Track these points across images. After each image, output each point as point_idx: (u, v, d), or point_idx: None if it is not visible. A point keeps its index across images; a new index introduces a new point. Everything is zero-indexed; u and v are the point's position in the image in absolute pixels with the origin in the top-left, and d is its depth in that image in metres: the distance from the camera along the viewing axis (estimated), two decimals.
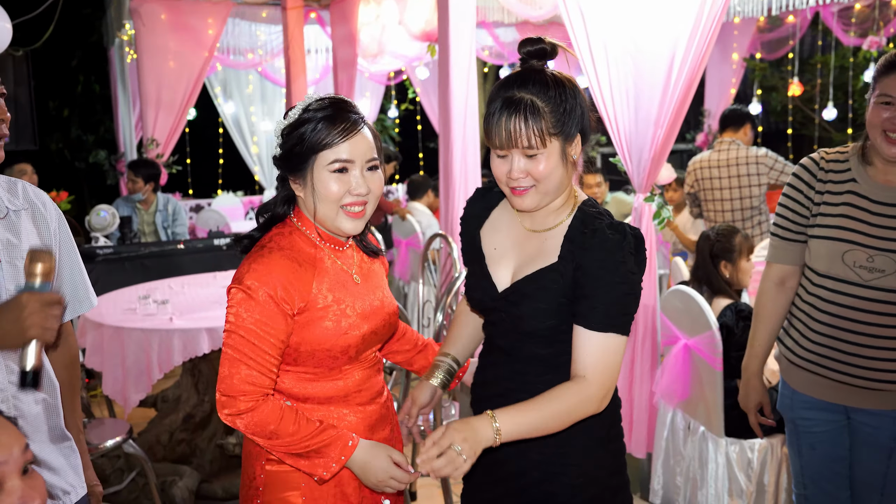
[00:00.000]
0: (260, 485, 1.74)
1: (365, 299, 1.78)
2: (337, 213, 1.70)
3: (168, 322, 3.39)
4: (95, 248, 5.31)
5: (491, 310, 1.79)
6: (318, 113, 1.68)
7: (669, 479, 3.50)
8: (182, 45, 6.84)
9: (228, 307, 1.65)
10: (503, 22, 6.86)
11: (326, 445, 1.64)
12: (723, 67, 7.92)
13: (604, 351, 1.64)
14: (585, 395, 1.63)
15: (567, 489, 1.74)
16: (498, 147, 1.66)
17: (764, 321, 2.37)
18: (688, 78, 3.18)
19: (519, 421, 1.59)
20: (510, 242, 1.79)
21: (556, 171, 1.66)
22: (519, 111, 1.61)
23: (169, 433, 3.79)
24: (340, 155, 1.66)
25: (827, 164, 2.21)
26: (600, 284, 1.63)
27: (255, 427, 1.63)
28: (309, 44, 8.07)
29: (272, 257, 1.66)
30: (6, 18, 3.79)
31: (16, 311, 1.49)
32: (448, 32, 4.23)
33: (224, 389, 1.64)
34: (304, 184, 1.70)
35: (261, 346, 1.63)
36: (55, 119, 10.30)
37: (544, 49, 1.69)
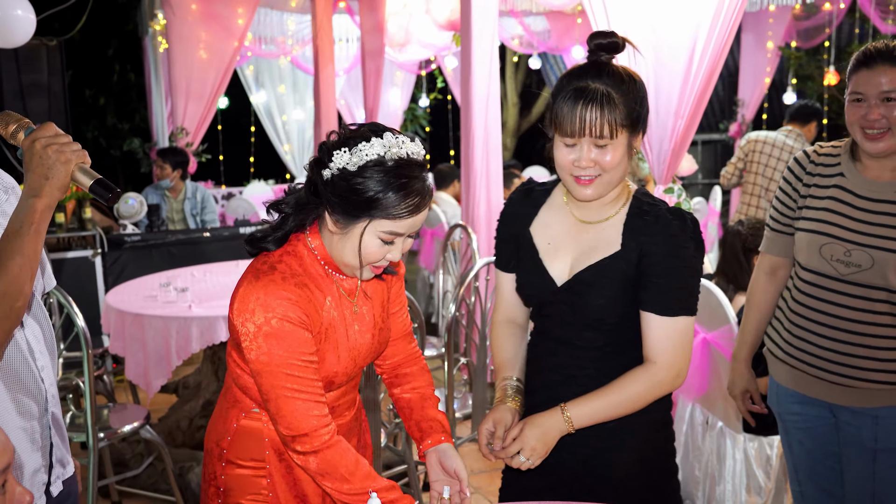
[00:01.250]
0: (221, 485, 1.70)
1: (357, 334, 1.71)
2: (364, 268, 1.62)
3: (187, 309, 3.43)
4: (123, 235, 5.39)
5: (549, 303, 1.81)
6: (396, 172, 1.53)
7: (689, 473, 3.46)
8: (212, 34, 6.90)
9: (251, 345, 1.56)
10: (532, 11, 6.81)
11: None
12: (757, 56, 7.78)
13: (675, 334, 1.72)
14: (656, 380, 1.72)
15: (624, 471, 1.79)
16: (569, 135, 1.66)
17: (753, 310, 2.37)
18: (708, 68, 3.13)
19: (590, 410, 1.71)
20: (564, 236, 1.81)
21: (622, 162, 1.69)
22: (594, 100, 1.62)
23: (188, 419, 3.84)
24: (399, 229, 1.56)
25: (818, 157, 2.20)
26: (667, 270, 1.70)
27: (327, 466, 1.57)
28: (339, 33, 8.10)
29: (285, 284, 1.57)
30: (30, 9, 3.85)
31: (36, 155, 1.47)
32: (470, 21, 4.21)
33: (290, 429, 1.56)
34: (343, 228, 1.58)
35: (304, 375, 1.57)
36: (91, 107, 10.45)
37: (616, 43, 1.70)
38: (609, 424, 1.76)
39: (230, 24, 6.91)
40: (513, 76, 11.33)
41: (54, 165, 1.47)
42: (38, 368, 1.70)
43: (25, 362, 1.66)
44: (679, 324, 1.72)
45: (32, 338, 1.71)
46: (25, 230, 1.46)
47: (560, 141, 1.70)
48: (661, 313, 1.71)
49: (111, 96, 10.61)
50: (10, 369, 1.64)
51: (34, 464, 1.69)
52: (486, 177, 4.34)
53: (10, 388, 1.64)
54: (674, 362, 1.73)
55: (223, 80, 7.03)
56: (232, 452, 1.70)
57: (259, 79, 9.53)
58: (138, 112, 10.44)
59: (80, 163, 1.50)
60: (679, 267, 1.71)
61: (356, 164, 1.52)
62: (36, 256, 1.50)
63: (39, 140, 1.47)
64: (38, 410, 1.70)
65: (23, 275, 1.47)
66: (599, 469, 1.80)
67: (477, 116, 4.27)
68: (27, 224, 1.46)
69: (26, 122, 1.55)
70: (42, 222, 1.48)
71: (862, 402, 2.11)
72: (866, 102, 2.02)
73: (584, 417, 1.71)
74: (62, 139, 1.49)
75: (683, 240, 1.71)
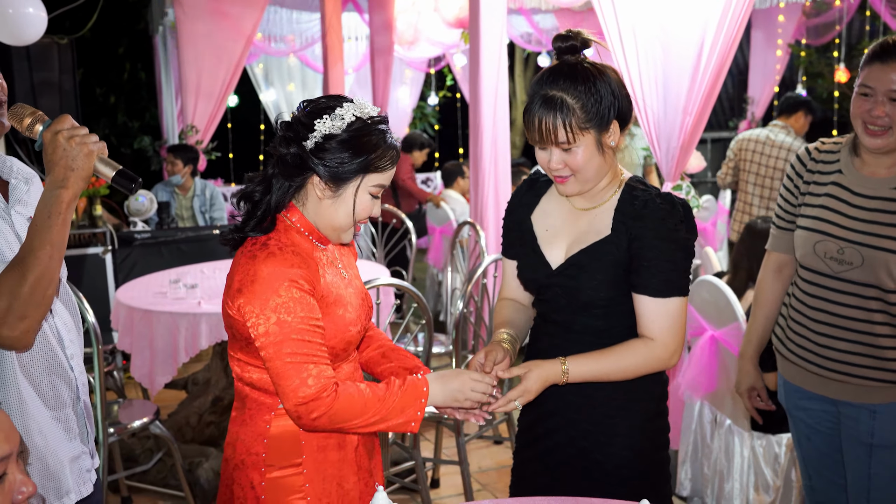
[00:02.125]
0: (261, 493, 1.70)
1: (354, 294, 1.79)
2: (349, 228, 1.71)
3: (196, 306, 3.45)
4: (133, 232, 5.42)
5: (546, 287, 1.88)
6: (379, 128, 1.66)
7: (697, 471, 3.46)
8: (221, 32, 6.91)
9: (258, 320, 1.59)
10: (540, 8, 6.80)
11: (402, 407, 1.65)
12: (767, 53, 7.74)
13: (669, 315, 1.78)
14: (653, 356, 1.79)
15: (615, 459, 1.84)
16: (537, 141, 1.77)
17: (760, 308, 2.37)
18: (717, 64, 3.12)
19: (586, 368, 1.78)
20: (561, 223, 1.89)
21: (593, 160, 1.76)
22: (550, 109, 1.71)
23: (198, 415, 3.86)
24: (384, 181, 1.68)
25: (819, 154, 2.20)
26: (658, 253, 1.75)
27: (337, 416, 1.61)
28: (348, 31, 8.11)
29: (283, 255, 1.62)
30: (42, 7, 3.87)
31: (59, 147, 1.52)
32: (479, 19, 4.21)
33: (301, 398, 1.59)
34: (336, 193, 1.67)
35: (314, 340, 1.62)
36: (102, 105, 10.49)
37: (574, 45, 1.77)
38: (604, 411, 1.84)
39: (240, 23, 6.92)
40: (522, 74, 11.31)
41: (77, 157, 1.52)
42: (68, 357, 1.73)
43: (54, 352, 1.69)
44: (672, 305, 1.78)
45: (62, 326, 1.74)
46: (54, 220, 1.52)
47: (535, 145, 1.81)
48: (654, 295, 1.77)
49: (122, 94, 10.66)
50: (41, 358, 1.67)
51: (72, 451, 1.71)
52: (495, 174, 4.34)
53: (40, 378, 1.66)
54: (669, 342, 1.79)
55: (233, 78, 7.04)
56: (271, 458, 1.69)
57: (269, 77, 9.55)
58: (148, 110, 10.48)
59: (101, 153, 1.56)
60: (669, 249, 1.76)
61: (340, 127, 1.62)
62: (63, 245, 1.55)
63: (62, 132, 1.52)
64: (70, 398, 1.73)
65: (52, 264, 1.53)
66: (594, 456, 1.86)
67: (485, 114, 4.28)
68: (55, 214, 1.52)
69: (40, 115, 1.59)
70: (68, 212, 1.54)
71: (860, 397, 2.12)
72: (873, 98, 2.01)
73: (579, 374, 1.78)
74: (82, 130, 1.54)
75: (673, 223, 1.76)
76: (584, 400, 1.86)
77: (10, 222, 1.67)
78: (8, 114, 1.60)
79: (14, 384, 1.61)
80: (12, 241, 1.64)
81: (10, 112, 1.59)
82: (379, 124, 1.66)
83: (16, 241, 1.65)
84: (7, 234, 1.64)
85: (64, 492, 1.68)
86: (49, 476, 1.66)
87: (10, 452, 1.21)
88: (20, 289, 1.49)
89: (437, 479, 3.74)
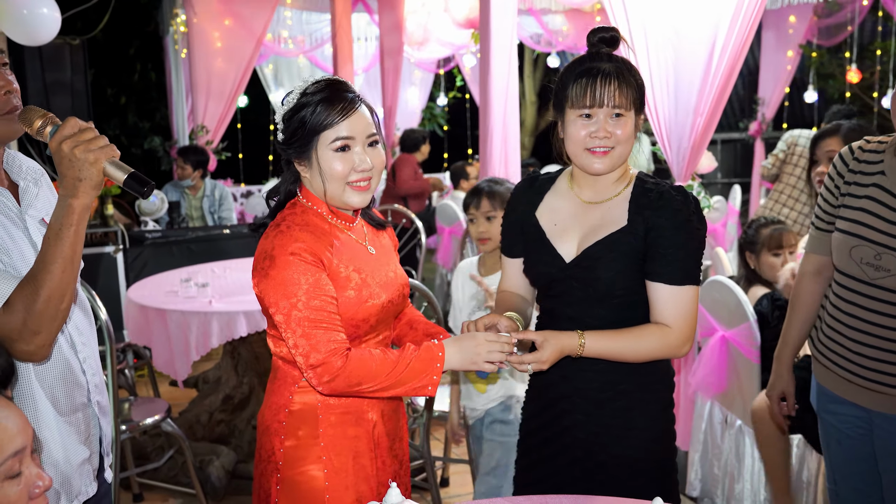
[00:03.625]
0: (279, 459, 1.78)
1: (381, 270, 1.83)
2: (344, 189, 1.75)
3: (207, 305, 3.46)
4: (144, 231, 5.45)
5: (559, 280, 1.88)
6: (316, 95, 1.73)
7: (707, 471, 3.45)
8: (231, 33, 6.94)
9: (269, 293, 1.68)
10: (550, 9, 6.80)
11: (418, 371, 1.69)
12: (778, 54, 7.71)
13: (683, 302, 1.81)
14: (667, 342, 1.82)
15: (634, 450, 1.87)
16: (587, 106, 1.77)
17: (798, 310, 2.30)
18: (728, 65, 3.12)
19: (603, 345, 1.80)
20: (570, 218, 1.90)
21: (631, 138, 1.81)
22: (611, 74, 1.76)
23: (209, 413, 3.88)
24: (341, 133, 1.72)
25: (862, 153, 2.09)
26: (675, 242, 1.78)
27: (352, 378, 1.66)
28: (357, 32, 8.12)
29: (291, 232, 1.71)
30: (56, 8, 3.89)
31: (66, 158, 1.48)
32: (489, 19, 4.21)
33: (311, 363, 1.65)
34: (309, 165, 1.76)
35: (323, 307, 1.67)
36: (113, 106, 10.55)
37: (616, 37, 1.83)
38: (621, 403, 1.87)
39: (250, 23, 6.95)
40: (531, 75, 11.31)
41: (84, 166, 1.48)
42: (81, 360, 1.73)
43: (67, 360, 1.69)
44: (686, 293, 1.81)
45: (75, 330, 1.73)
46: (66, 232, 1.49)
47: (575, 116, 1.79)
48: (670, 283, 1.80)
49: (132, 95, 10.71)
50: (55, 367, 1.66)
51: (83, 454, 1.71)
52: (505, 175, 4.33)
53: (54, 386, 1.66)
54: (683, 329, 1.82)
55: (243, 78, 7.07)
56: (290, 426, 1.78)
57: (278, 77, 9.57)
58: (159, 111, 10.53)
59: (110, 158, 1.51)
60: (685, 239, 1.79)
61: (289, 105, 1.75)
62: (77, 257, 1.52)
63: (66, 141, 1.48)
64: (81, 402, 1.72)
65: (66, 277, 1.50)
66: (612, 448, 1.88)
67: (495, 115, 4.28)
68: (67, 225, 1.49)
69: (51, 117, 1.55)
70: (81, 222, 1.50)
71: (894, 408, 2.04)
72: None
73: (595, 349, 1.80)
74: (87, 135, 1.49)
75: (687, 214, 1.80)
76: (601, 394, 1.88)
77: (25, 228, 1.66)
78: (18, 117, 1.58)
79: (29, 393, 1.62)
80: (26, 252, 1.63)
81: (21, 115, 1.57)
82: (319, 87, 1.74)
83: (30, 250, 1.64)
84: (21, 243, 1.63)
85: (74, 494, 1.70)
86: (61, 480, 1.67)
87: (24, 446, 1.22)
88: (34, 304, 1.47)
89: (447, 477, 3.74)
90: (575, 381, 1.89)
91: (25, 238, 1.65)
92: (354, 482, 1.78)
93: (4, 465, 1.18)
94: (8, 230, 1.62)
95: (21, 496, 1.20)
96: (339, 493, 1.76)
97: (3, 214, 1.63)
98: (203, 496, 3.42)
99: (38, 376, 1.63)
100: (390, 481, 1.55)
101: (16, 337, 1.48)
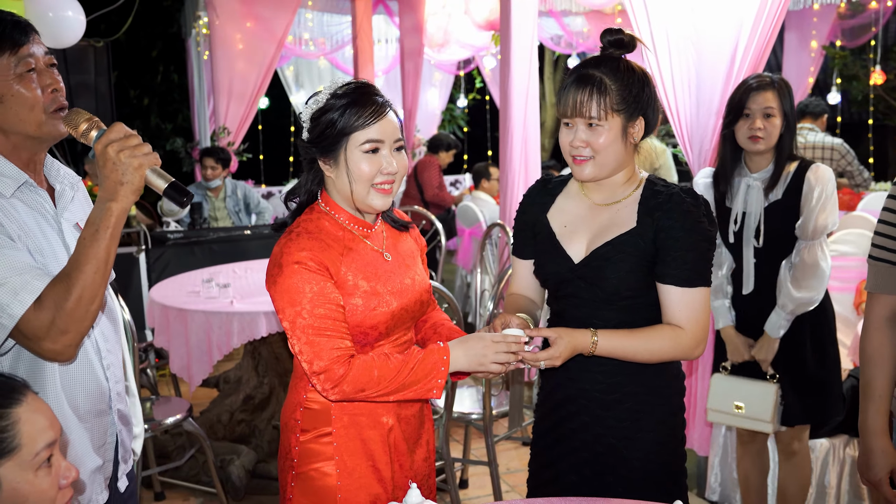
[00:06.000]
0: (295, 456, 1.81)
1: (396, 277, 1.83)
2: (368, 191, 1.76)
3: (228, 305, 3.48)
4: (166, 232, 5.49)
5: (567, 281, 1.89)
6: (348, 97, 1.75)
7: (727, 476, 3.43)
8: (253, 35, 6.98)
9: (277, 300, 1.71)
10: (571, 11, 6.79)
11: (422, 374, 1.70)
12: (801, 55, 7.66)
13: (695, 304, 1.80)
14: (681, 342, 1.81)
15: (643, 453, 1.87)
16: (564, 115, 1.82)
17: (878, 365, 1.90)
18: (751, 66, 3.10)
19: (615, 344, 1.79)
20: (579, 220, 1.91)
21: (614, 145, 1.80)
22: (587, 84, 1.77)
23: (229, 413, 3.90)
24: (371, 135, 1.74)
25: None
26: (684, 244, 1.78)
27: (355, 385, 1.68)
28: (378, 34, 8.15)
29: (299, 240, 1.73)
30: (80, 11, 3.93)
31: (110, 161, 1.50)
32: (510, 21, 4.21)
33: (315, 370, 1.68)
34: (335, 165, 1.77)
35: (327, 315, 1.69)
36: (136, 107, 10.65)
37: (621, 40, 1.83)
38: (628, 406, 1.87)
39: (272, 25, 6.99)
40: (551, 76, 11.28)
41: (127, 171, 1.50)
42: (105, 367, 1.75)
43: (90, 364, 1.70)
44: (698, 294, 1.81)
45: (101, 337, 1.75)
46: (102, 234, 1.51)
47: (562, 123, 1.85)
48: (681, 285, 1.80)
49: (155, 97, 10.81)
50: (78, 373, 1.68)
51: (97, 461, 1.72)
52: (525, 176, 4.33)
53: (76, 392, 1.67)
54: (696, 331, 1.82)
55: (264, 80, 7.11)
56: (305, 423, 1.81)
57: (299, 79, 9.63)
58: (181, 112, 10.62)
59: (153, 165, 1.53)
60: (696, 241, 1.79)
61: (319, 104, 1.76)
62: (110, 260, 1.54)
63: (112, 145, 1.50)
64: (100, 409, 1.73)
65: (97, 279, 1.52)
66: (619, 451, 1.88)
67: (516, 116, 4.28)
68: (103, 228, 1.51)
69: (96, 122, 1.58)
70: (117, 226, 1.53)
71: None
72: None
73: (607, 347, 1.80)
74: (133, 141, 1.52)
75: (697, 215, 1.79)
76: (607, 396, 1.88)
77: (60, 230, 1.68)
78: (63, 119, 1.61)
79: (54, 394, 1.63)
80: (59, 253, 1.65)
81: (66, 118, 1.60)
82: (350, 90, 1.76)
83: (63, 252, 1.65)
84: (55, 244, 1.65)
85: (85, 501, 1.71)
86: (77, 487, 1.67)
87: (55, 438, 1.26)
88: (65, 303, 1.49)
89: (466, 479, 3.75)
90: (581, 381, 1.90)
91: (59, 240, 1.67)
92: (368, 484, 1.80)
93: (38, 456, 1.21)
94: (43, 230, 1.65)
95: (52, 486, 1.24)
96: (351, 494, 1.78)
97: (41, 215, 1.66)
98: (224, 495, 3.45)
99: (62, 378, 1.65)
100: (410, 482, 1.55)
101: (43, 335, 1.50)
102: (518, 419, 3.32)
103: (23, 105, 1.60)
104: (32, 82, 1.60)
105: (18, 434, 1.20)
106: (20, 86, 1.59)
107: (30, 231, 1.61)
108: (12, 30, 1.60)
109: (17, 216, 1.60)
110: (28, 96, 1.60)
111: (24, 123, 1.61)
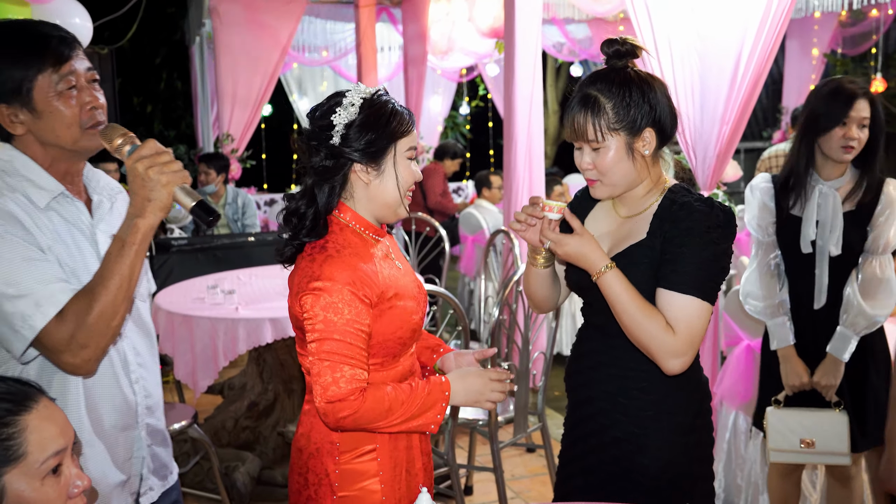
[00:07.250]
0: (335, 480, 1.77)
1: (410, 283, 1.84)
2: (403, 198, 1.77)
3: (234, 311, 3.49)
4: (170, 239, 5.50)
5: (586, 289, 1.89)
6: (388, 103, 1.74)
7: (731, 481, 3.43)
8: (257, 42, 7.01)
9: (310, 315, 1.67)
10: (573, 18, 6.82)
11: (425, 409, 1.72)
12: (802, 63, 7.69)
13: (684, 312, 1.72)
14: (666, 340, 1.72)
15: (652, 470, 1.84)
16: (570, 139, 1.83)
17: None
18: (755, 73, 3.10)
19: (619, 290, 1.74)
20: (605, 230, 1.94)
21: (620, 164, 1.78)
22: (583, 107, 1.77)
23: (234, 420, 3.90)
24: (413, 143, 1.76)
25: None
26: (683, 249, 1.74)
27: (363, 418, 1.67)
28: (381, 41, 8.18)
29: (340, 258, 1.69)
30: (87, 18, 3.96)
31: (139, 177, 1.51)
32: (514, 29, 4.23)
33: (329, 396, 1.65)
34: (379, 171, 1.74)
35: (356, 343, 1.67)
36: (139, 114, 10.69)
37: (619, 50, 1.80)
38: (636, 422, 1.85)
39: (275, 32, 7.02)
40: (553, 84, 11.32)
41: (156, 188, 1.51)
42: (132, 381, 1.74)
43: (115, 377, 1.70)
44: (689, 303, 1.73)
45: (131, 350, 1.74)
46: (128, 250, 1.52)
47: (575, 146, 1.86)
48: (672, 289, 1.74)
49: (158, 103, 10.85)
50: (102, 387, 1.67)
51: (121, 476, 1.72)
52: (529, 183, 4.35)
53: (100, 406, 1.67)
54: (685, 339, 1.73)
55: (268, 87, 7.14)
56: (344, 445, 1.77)
57: (302, 86, 9.65)
58: (184, 119, 10.66)
59: (181, 183, 1.54)
60: (696, 248, 1.74)
61: (354, 113, 1.70)
62: (135, 277, 1.55)
63: (142, 161, 1.51)
64: (127, 423, 1.73)
65: (120, 294, 1.52)
66: (631, 468, 1.86)
67: (520, 123, 4.29)
68: (129, 244, 1.52)
69: (131, 137, 1.59)
70: (144, 242, 1.54)
71: None
72: None
73: (609, 283, 1.75)
74: (163, 158, 1.53)
75: (706, 225, 1.74)
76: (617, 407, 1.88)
77: (94, 241, 1.69)
78: (100, 132, 1.61)
79: (76, 408, 1.63)
80: (91, 263, 1.65)
81: (102, 131, 1.60)
82: (383, 97, 1.75)
83: (95, 263, 1.65)
84: (87, 254, 1.66)
85: None
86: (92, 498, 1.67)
87: (65, 446, 1.25)
88: (86, 317, 1.50)
89: (471, 485, 3.74)
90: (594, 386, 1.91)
91: (93, 250, 1.68)
92: (407, 493, 1.81)
93: (45, 464, 1.21)
94: (77, 241, 1.65)
95: (61, 495, 1.23)
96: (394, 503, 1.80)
97: (75, 226, 1.67)
98: (229, 502, 3.45)
99: (86, 391, 1.64)
100: (420, 486, 1.57)
101: (63, 348, 1.50)
102: (523, 425, 3.32)
103: (60, 122, 1.61)
104: (72, 99, 1.62)
105: (25, 442, 1.20)
106: (59, 103, 1.61)
107: (62, 242, 1.62)
108: (58, 44, 1.61)
109: (50, 227, 1.61)
110: (66, 114, 1.61)
111: (61, 139, 1.63)
